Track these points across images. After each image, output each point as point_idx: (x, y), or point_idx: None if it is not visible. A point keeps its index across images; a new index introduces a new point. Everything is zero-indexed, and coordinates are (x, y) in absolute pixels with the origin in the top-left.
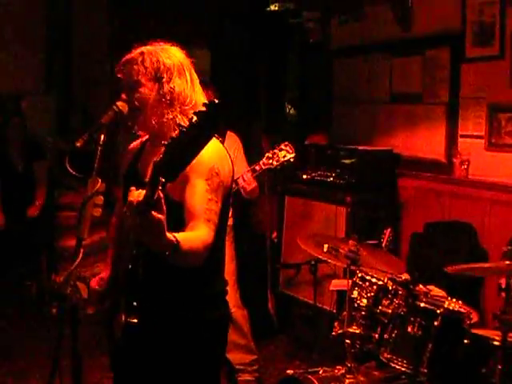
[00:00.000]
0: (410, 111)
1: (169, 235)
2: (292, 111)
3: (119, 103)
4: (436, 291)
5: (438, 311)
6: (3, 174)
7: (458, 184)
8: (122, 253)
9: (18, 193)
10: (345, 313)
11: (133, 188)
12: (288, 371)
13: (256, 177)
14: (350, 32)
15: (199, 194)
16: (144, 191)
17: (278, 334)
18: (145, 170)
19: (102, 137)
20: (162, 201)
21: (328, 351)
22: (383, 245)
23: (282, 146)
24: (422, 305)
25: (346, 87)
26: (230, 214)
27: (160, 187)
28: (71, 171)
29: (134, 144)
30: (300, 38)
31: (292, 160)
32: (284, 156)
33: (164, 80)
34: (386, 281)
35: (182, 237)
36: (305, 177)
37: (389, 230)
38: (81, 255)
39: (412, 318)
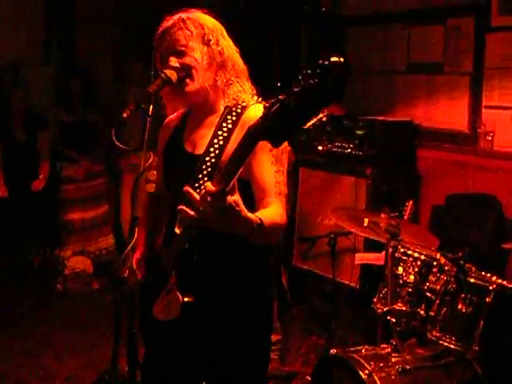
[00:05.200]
0: (430, 81)
1: (250, 214)
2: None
3: (167, 71)
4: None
5: (491, 287)
6: (5, 145)
7: (482, 156)
8: (155, 231)
9: (21, 165)
10: (386, 289)
11: (208, 184)
12: (331, 351)
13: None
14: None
15: (266, 168)
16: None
17: (291, 308)
18: (193, 143)
19: (151, 107)
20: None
21: (348, 326)
22: (405, 217)
23: None
24: (473, 281)
25: (359, 57)
26: None
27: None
28: (118, 143)
29: (171, 118)
30: (312, 6)
31: (324, 119)
32: None
33: (212, 42)
34: (438, 256)
35: (262, 214)
36: (320, 148)
37: (411, 202)
38: (136, 235)
39: (463, 295)
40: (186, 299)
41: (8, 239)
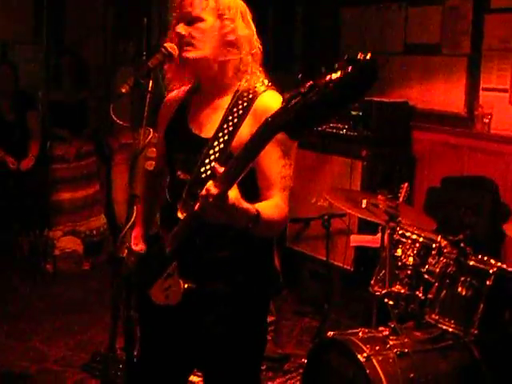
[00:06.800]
0: (427, 63)
1: (248, 206)
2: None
3: (167, 44)
4: None
5: (491, 270)
6: None
7: (478, 138)
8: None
9: (10, 144)
10: (383, 271)
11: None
12: (328, 333)
13: None
14: None
15: (274, 161)
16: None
17: (284, 290)
18: (199, 125)
19: (151, 83)
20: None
21: (342, 308)
22: (400, 199)
23: None
24: (474, 264)
25: (355, 38)
26: None
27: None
28: (115, 119)
29: (173, 95)
30: None
31: None
32: None
33: (226, 17)
34: (438, 239)
35: (261, 207)
36: (315, 128)
37: (406, 184)
38: (135, 214)
39: (462, 278)
40: (186, 285)
41: None
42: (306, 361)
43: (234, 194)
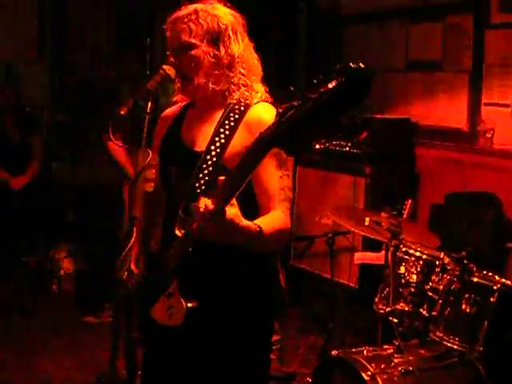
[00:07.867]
0: (429, 79)
1: (249, 223)
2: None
3: (166, 66)
4: None
5: (495, 287)
6: None
7: (481, 153)
8: (150, 232)
9: (15, 165)
10: (387, 289)
11: (203, 198)
12: (332, 352)
13: None
14: None
15: (271, 173)
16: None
17: (288, 308)
18: (192, 139)
19: (150, 104)
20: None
21: (347, 326)
22: (404, 216)
23: None
24: (478, 281)
25: (357, 55)
26: None
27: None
28: (116, 142)
29: (170, 111)
30: (310, 3)
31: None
32: None
33: (221, 41)
34: (441, 256)
35: (263, 221)
36: (318, 146)
37: (410, 201)
38: (134, 236)
39: (466, 295)
40: (189, 305)
41: (3, 240)
42: (311, 380)
43: (233, 210)
